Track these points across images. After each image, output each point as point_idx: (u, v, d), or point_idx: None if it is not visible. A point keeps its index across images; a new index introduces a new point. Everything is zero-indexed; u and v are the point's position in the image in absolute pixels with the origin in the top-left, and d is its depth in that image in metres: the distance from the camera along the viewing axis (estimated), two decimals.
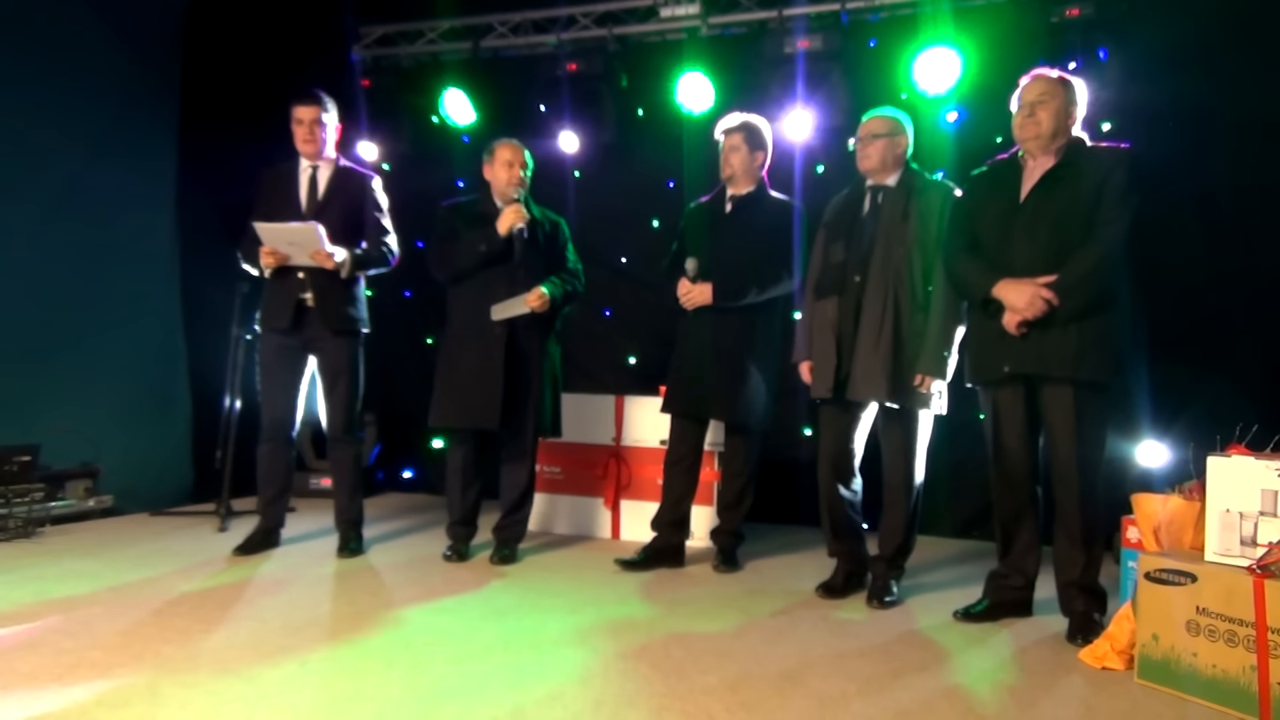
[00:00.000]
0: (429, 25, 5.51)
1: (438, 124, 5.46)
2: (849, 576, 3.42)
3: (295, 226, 3.59)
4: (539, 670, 2.45)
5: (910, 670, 2.55)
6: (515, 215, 3.64)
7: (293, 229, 3.59)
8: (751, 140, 3.71)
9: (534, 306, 3.65)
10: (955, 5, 4.48)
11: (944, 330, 3.15)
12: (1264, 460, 2.33)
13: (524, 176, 3.79)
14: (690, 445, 3.78)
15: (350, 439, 3.87)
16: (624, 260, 5.39)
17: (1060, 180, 2.88)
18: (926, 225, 3.21)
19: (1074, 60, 4.13)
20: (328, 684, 2.30)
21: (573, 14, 5.24)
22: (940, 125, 4.60)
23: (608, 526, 4.45)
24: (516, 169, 3.75)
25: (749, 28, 4.99)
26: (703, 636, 2.81)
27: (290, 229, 3.59)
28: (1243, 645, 2.22)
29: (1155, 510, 2.66)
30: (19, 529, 3.87)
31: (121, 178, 4.68)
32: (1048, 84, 2.93)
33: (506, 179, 3.74)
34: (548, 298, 3.67)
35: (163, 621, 2.77)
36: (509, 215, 3.64)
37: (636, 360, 5.34)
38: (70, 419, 4.40)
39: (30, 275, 4.24)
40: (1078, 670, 2.58)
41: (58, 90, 4.34)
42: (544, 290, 3.67)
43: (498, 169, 3.75)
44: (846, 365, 3.25)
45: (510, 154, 3.76)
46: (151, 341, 4.85)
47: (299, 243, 3.60)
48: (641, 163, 5.27)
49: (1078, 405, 2.82)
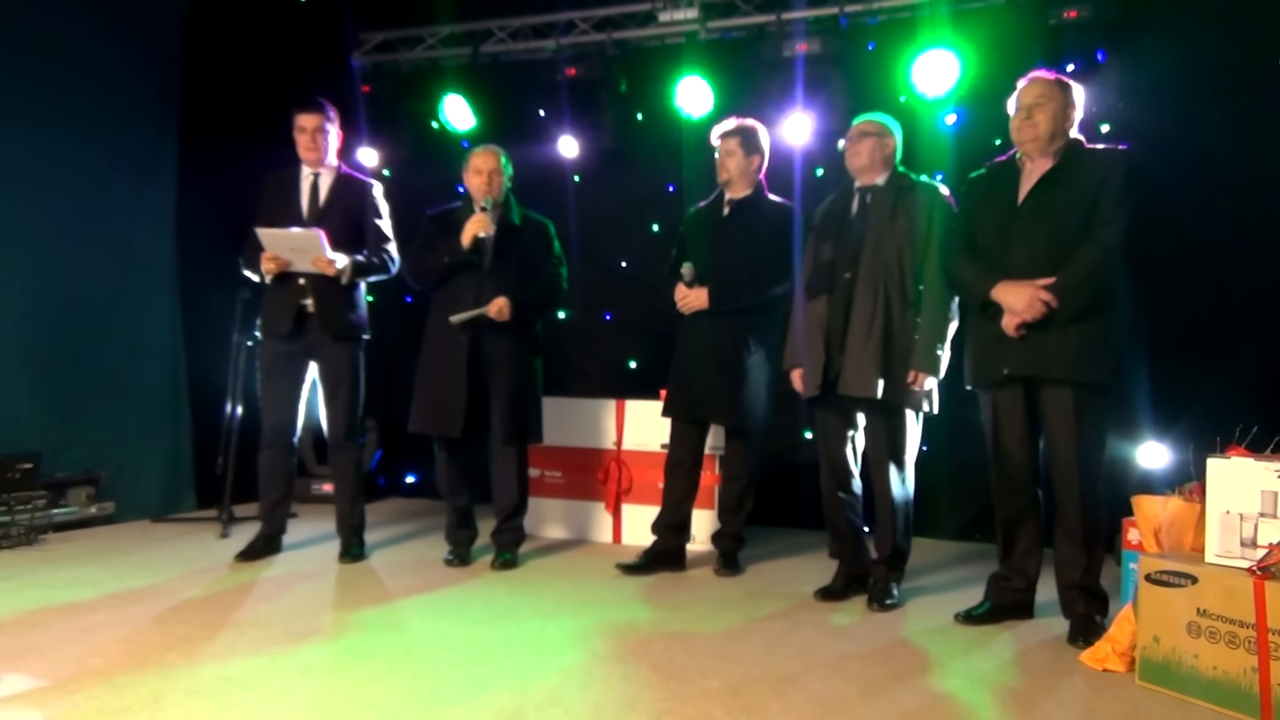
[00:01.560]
0: (429, 31, 5.52)
1: (437, 129, 5.47)
2: (849, 580, 3.42)
3: (297, 232, 3.61)
4: (540, 674, 2.46)
5: (912, 673, 2.55)
6: (477, 225, 3.62)
7: (295, 235, 3.60)
8: (747, 144, 3.72)
9: (493, 315, 3.63)
10: (953, 8, 4.48)
11: (936, 327, 3.16)
12: (1264, 462, 2.33)
13: (502, 183, 3.77)
14: (690, 449, 3.79)
15: (351, 444, 3.88)
16: (624, 264, 5.39)
17: (1058, 182, 2.88)
18: (915, 223, 3.22)
19: (1072, 62, 4.14)
20: (330, 689, 2.30)
21: (572, 19, 5.24)
22: (939, 127, 4.60)
23: (609, 530, 4.45)
24: (485, 176, 3.71)
25: (748, 31, 4.99)
26: (704, 640, 2.81)
27: (292, 235, 3.60)
28: (1244, 647, 2.22)
29: (1156, 512, 2.65)
30: (21, 536, 3.88)
31: (122, 184, 4.69)
32: (1045, 86, 2.93)
33: (478, 186, 3.72)
34: (508, 307, 3.64)
35: (165, 628, 2.78)
36: (472, 225, 3.62)
37: (637, 364, 5.34)
38: (72, 426, 4.41)
39: (32, 282, 4.25)
40: (1079, 672, 2.58)
41: (58, 97, 4.34)
42: (504, 300, 3.63)
43: (470, 176, 3.76)
44: (836, 362, 3.25)
45: (480, 161, 3.73)
46: (153, 348, 4.85)
47: (301, 249, 3.61)
48: (641, 167, 5.28)
49: (1077, 407, 2.82)
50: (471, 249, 3.64)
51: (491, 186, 3.72)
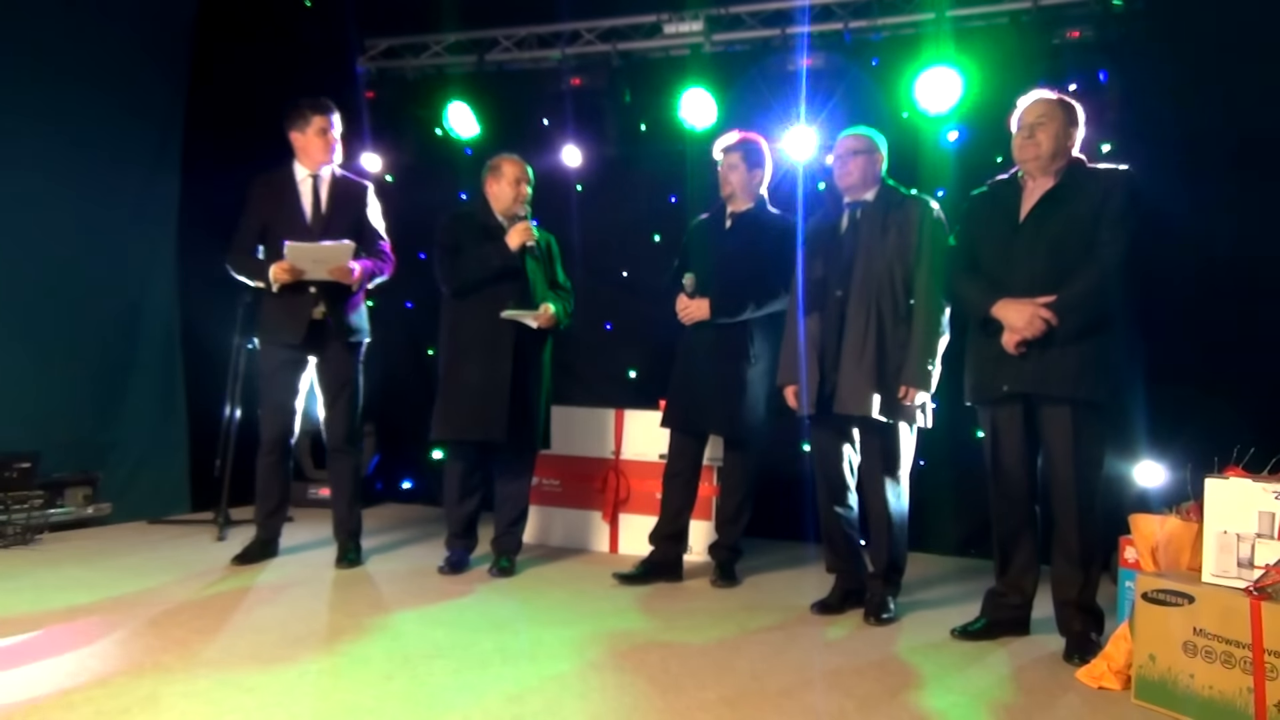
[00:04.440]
0: (434, 39, 5.55)
1: (441, 136, 5.48)
2: (846, 594, 3.42)
3: (329, 245, 3.59)
4: (537, 683, 2.45)
5: (908, 688, 2.55)
6: (525, 233, 3.69)
7: (325, 248, 3.58)
8: (750, 158, 3.74)
9: (542, 324, 3.71)
10: (957, 25, 4.52)
11: (927, 342, 3.17)
12: (1261, 482, 2.34)
13: (528, 193, 3.83)
14: (689, 459, 3.79)
15: (351, 450, 3.87)
16: (625, 274, 5.42)
17: (1059, 201, 2.90)
18: (906, 238, 3.23)
19: (1074, 82, 4.16)
20: (326, 695, 2.30)
21: (577, 29, 5.28)
22: (941, 144, 4.63)
23: (606, 540, 4.45)
24: (523, 186, 3.79)
25: (752, 45, 5.03)
26: (700, 651, 2.81)
27: (323, 248, 3.58)
28: (1240, 667, 2.23)
29: (1153, 531, 2.66)
30: (18, 536, 3.87)
31: (125, 185, 4.70)
32: (1047, 106, 2.96)
33: (514, 196, 3.77)
34: (555, 319, 3.75)
35: (161, 631, 2.77)
36: (520, 233, 3.68)
37: (637, 374, 5.35)
38: (70, 426, 4.41)
39: (32, 281, 4.25)
40: (1075, 690, 2.59)
41: (62, 97, 4.35)
42: (553, 311, 3.74)
43: (504, 186, 3.78)
44: (831, 380, 3.26)
45: (519, 171, 3.80)
46: (152, 349, 4.85)
47: (324, 259, 3.59)
48: (644, 177, 5.30)
49: (1076, 425, 2.83)
50: (518, 255, 3.69)
51: (521, 195, 3.79)
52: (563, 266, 4.02)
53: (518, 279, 3.72)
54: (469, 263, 3.70)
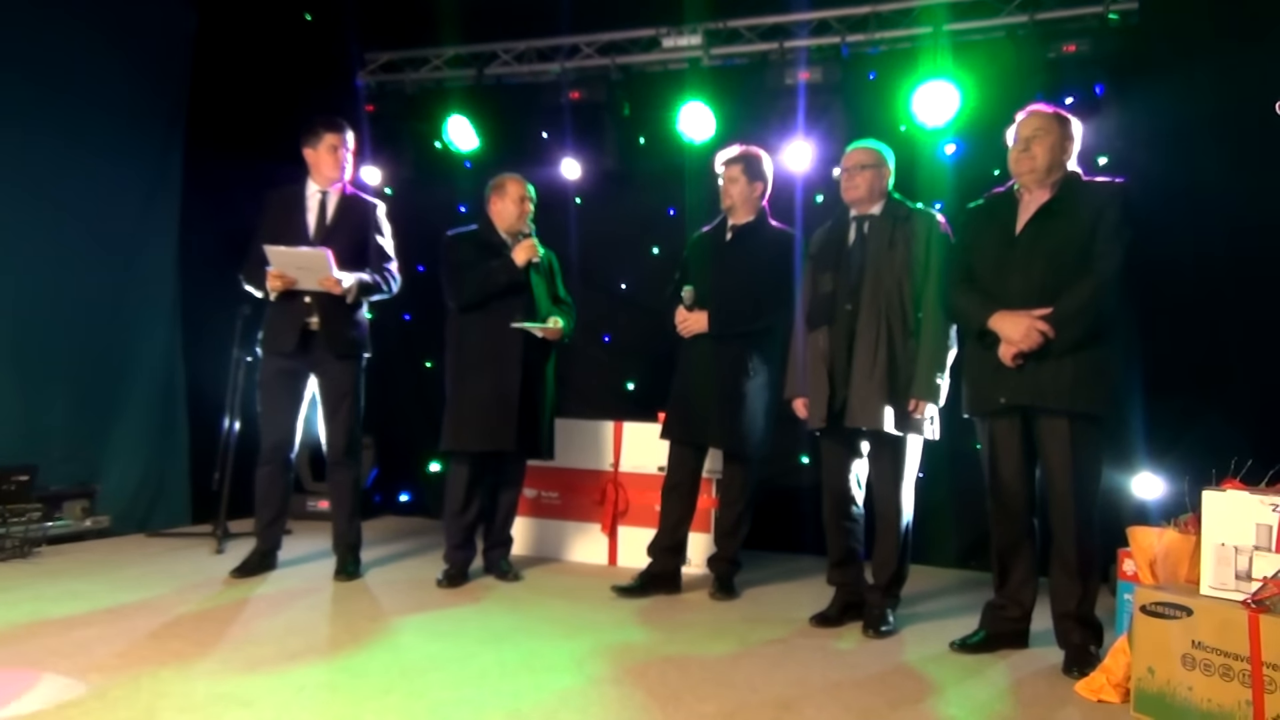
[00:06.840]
0: (434, 52, 5.58)
1: (441, 150, 5.51)
2: (845, 607, 3.41)
3: (305, 251, 3.62)
4: (536, 695, 2.45)
5: (907, 701, 2.55)
6: (531, 250, 3.80)
7: (302, 254, 3.61)
8: (750, 171, 3.76)
9: (550, 336, 3.82)
10: (954, 39, 4.55)
11: (935, 355, 3.18)
12: (1258, 495, 2.35)
13: (531, 210, 3.93)
14: (688, 471, 3.79)
15: (350, 462, 3.87)
16: (624, 286, 5.43)
17: (1055, 214, 2.91)
18: (914, 251, 3.25)
19: (1071, 95, 4.19)
20: (325, 708, 2.30)
21: (576, 43, 5.31)
22: (938, 157, 4.66)
23: (605, 552, 4.45)
24: (527, 204, 3.90)
25: (750, 59, 5.06)
26: (699, 664, 2.81)
27: (300, 253, 3.61)
28: (1238, 680, 2.22)
29: (1151, 543, 2.67)
30: (16, 549, 3.86)
31: (126, 198, 4.71)
32: (1044, 119, 2.97)
33: (518, 214, 3.88)
34: (561, 332, 3.85)
35: (159, 644, 2.76)
36: (525, 250, 3.79)
37: (636, 386, 5.36)
38: (69, 439, 4.40)
39: (32, 293, 4.26)
40: (1074, 703, 2.58)
41: (65, 111, 4.37)
42: (561, 325, 3.84)
43: (509, 204, 3.87)
44: (841, 394, 3.27)
45: (522, 189, 3.90)
46: (151, 361, 4.85)
47: (308, 267, 3.62)
48: (643, 190, 5.32)
49: (1073, 437, 2.84)
50: (524, 271, 3.80)
51: (525, 212, 3.90)
52: (563, 280, 4.08)
53: (523, 294, 3.81)
54: (477, 279, 3.77)
